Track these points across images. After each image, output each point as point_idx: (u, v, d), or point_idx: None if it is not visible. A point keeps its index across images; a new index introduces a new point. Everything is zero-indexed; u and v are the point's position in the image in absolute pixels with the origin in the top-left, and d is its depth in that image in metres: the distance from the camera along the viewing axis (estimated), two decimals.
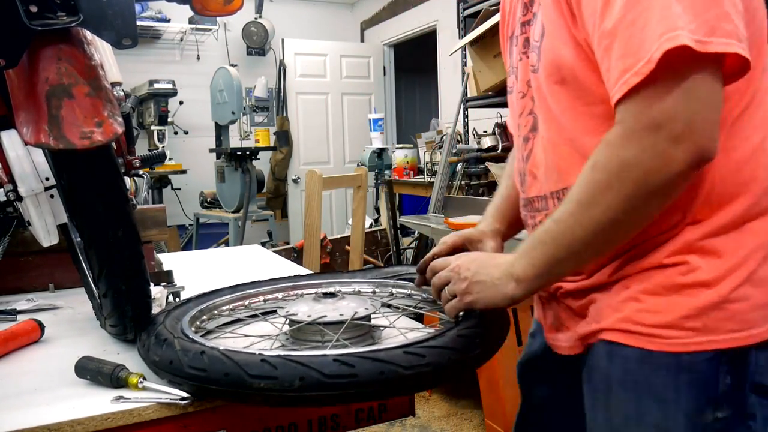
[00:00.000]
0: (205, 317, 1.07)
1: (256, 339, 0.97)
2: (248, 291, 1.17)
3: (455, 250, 1.06)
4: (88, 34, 0.88)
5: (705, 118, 0.67)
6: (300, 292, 1.19)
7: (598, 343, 0.83)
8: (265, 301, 1.17)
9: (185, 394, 0.81)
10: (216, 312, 1.10)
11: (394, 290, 1.18)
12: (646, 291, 0.78)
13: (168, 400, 0.82)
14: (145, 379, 0.85)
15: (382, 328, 1.01)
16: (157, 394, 0.83)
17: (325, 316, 0.94)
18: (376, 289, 1.19)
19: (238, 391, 0.75)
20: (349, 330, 0.94)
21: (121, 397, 0.83)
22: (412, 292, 1.16)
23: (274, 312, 1.11)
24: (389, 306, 1.15)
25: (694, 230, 0.76)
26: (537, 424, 1.08)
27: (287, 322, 0.99)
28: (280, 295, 1.19)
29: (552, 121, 0.86)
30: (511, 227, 1.10)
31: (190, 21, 5.27)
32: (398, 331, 0.99)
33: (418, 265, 1.06)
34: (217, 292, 1.15)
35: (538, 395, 1.07)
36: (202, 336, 0.92)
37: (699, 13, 0.65)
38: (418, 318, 1.18)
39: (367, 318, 0.98)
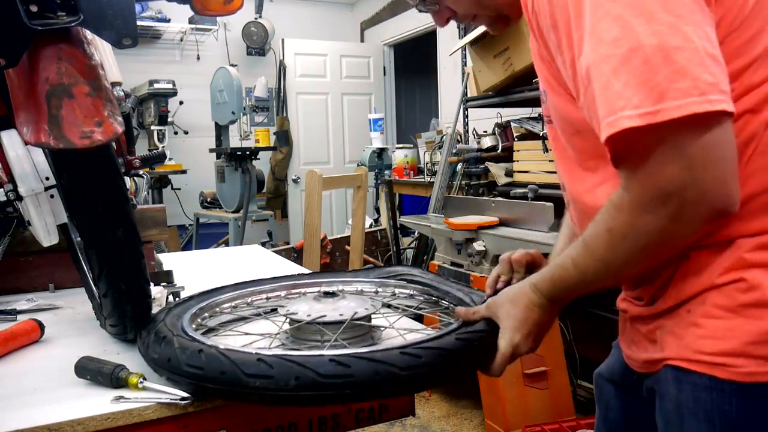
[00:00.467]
0: (206, 314, 1.07)
1: (256, 337, 0.97)
2: (251, 289, 1.17)
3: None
4: (88, 34, 0.88)
5: (711, 177, 0.63)
6: (302, 290, 1.19)
7: (665, 369, 0.78)
8: (267, 299, 1.18)
9: (185, 394, 0.81)
10: (218, 309, 1.11)
11: (397, 290, 1.18)
12: (705, 314, 0.73)
13: (168, 400, 0.81)
14: (145, 379, 0.85)
15: (382, 329, 1.01)
16: (157, 394, 0.83)
17: (325, 316, 0.94)
18: (378, 289, 1.19)
19: (234, 390, 0.76)
20: (348, 330, 0.94)
21: (121, 397, 0.83)
22: (414, 292, 1.16)
23: (275, 310, 1.11)
24: (389, 306, 1.15)
25: (750, 242, 0.70)
26: None
27: (287, 321, 0.99)
28: (282, 293, 1.19)
29: (575, 172, 0.85)
30: None
31: (190, 21, 5.27)
32: (397, 332, 0.99)
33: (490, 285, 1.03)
34: (220, 289, 1.15)
35: (616, 409, 1.01)
36: (202, 334, 0.92)
37: (645, 81, 0.62)
38: (419, 319, 1.18)
39: (367, 318, 0.98)
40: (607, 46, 0.64)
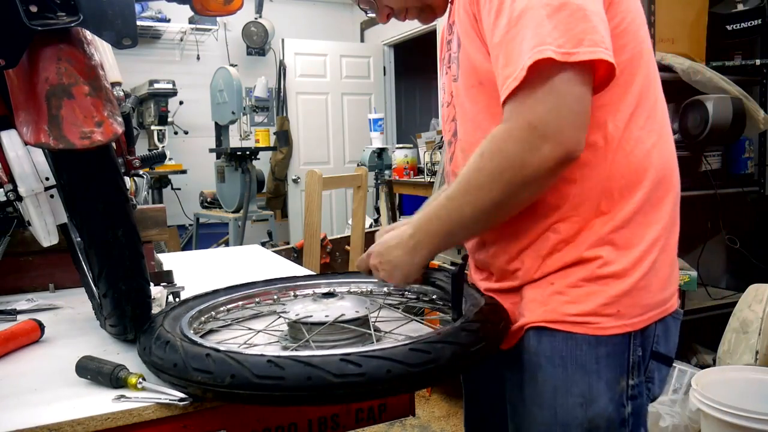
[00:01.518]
0: (223, 309, 1.10)
1: (252, 333, 0.98)
2: (264, 288, 1.19)
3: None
4: (88, 34, 0.88)
5: (571, 123, 0.79)
6: (317, 290, 1.19)
7: (527, 331, 0.94)
8: (295, 296, 1.20)
9: (183, 395, 0.81)
10: (241, 303, 1.14)
11: (420, 295, 1.15)
12: (569, 285, 0.90)
13: (166, 401, 0.82)
14: (144, 379, 0.85)
15: (383, 333, 1.00)
16: (156, 394, 0.83)
17: (311, 316, 0.94)
18: (406, 292, 1.17)
19: (181, 383, 0.79)
20: (336, 332, 0.93)
21: (122, 397, 0.83)
22: (434, 297, 1.12)
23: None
24: (388, 307, 1.14)
25: (603, 223, 0.89)
26: (482, 416, 1.13)
27: (278, 318, 1.01)
28: (314, 291, 1.20)
29: (469, 122, 0.98)
30: None
31: (190, 21, 5.26)
32: (392, 337, 0.98)
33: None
34: (231, 288, 1.17)
35: (476, 388, 1.13)
36: (210, 329, 0.94)
37: (568, 29, 0.78)
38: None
39: (358, 321, 0.95)
40: None
